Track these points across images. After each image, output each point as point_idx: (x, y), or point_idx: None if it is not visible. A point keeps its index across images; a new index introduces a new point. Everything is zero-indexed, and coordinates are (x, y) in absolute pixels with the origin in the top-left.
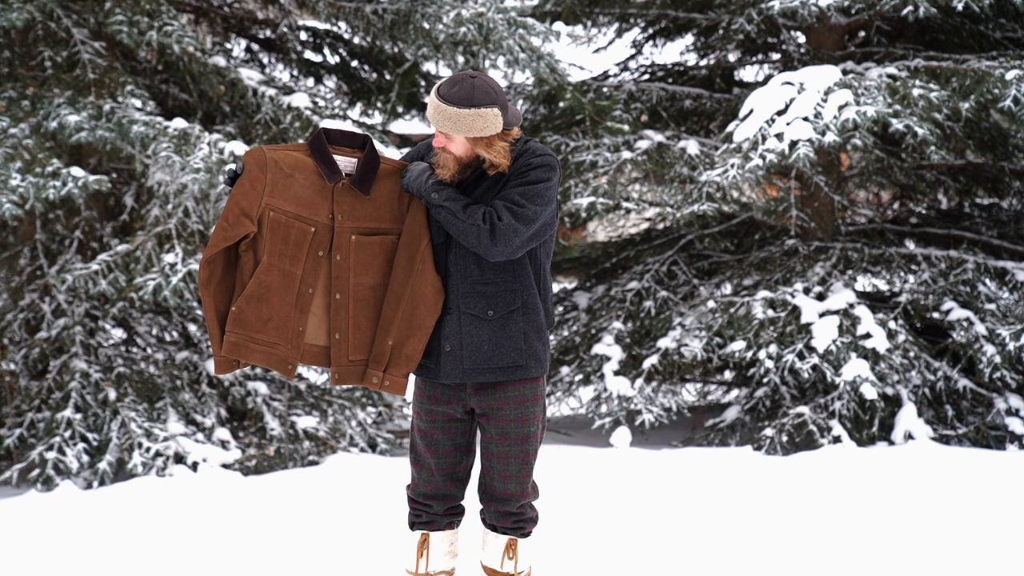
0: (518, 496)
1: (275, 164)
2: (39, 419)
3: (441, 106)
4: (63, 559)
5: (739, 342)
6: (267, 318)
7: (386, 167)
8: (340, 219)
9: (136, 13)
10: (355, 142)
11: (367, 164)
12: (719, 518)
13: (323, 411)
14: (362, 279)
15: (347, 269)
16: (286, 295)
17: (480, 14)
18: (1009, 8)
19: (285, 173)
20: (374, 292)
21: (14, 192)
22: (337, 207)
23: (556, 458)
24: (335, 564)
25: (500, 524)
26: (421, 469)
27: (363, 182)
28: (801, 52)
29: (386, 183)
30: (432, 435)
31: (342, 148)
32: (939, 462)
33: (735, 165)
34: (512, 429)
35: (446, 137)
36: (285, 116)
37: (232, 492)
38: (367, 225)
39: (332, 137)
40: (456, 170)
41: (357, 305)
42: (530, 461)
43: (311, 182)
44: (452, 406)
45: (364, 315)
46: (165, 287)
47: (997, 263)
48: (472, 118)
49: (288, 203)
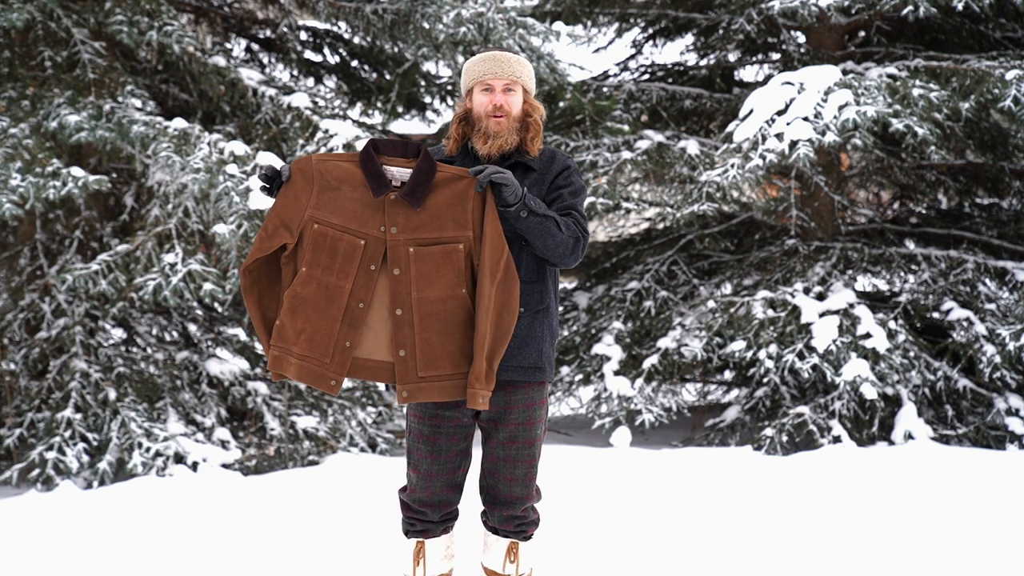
0: (523, 499)
1: (321, 176)
2: (39, 419)
3: (502, 55)
4: (63, 559)
5: (739, 342)
6: (300, 330)
7: (443, 176)
8: (394, 232)
9: (136, 13)
10: (408, 152)
11: (419, 175)
12: (719, 518)
13: (323, 411)
14: (427, 292)
15: (408, 283)
16: (327, 308)
17: (480, 14)
18: (1009, 8)
19: (332, 185)
20: (442, 305)
21: (14, 192)
22: (389, 219)
23: (556, 458)
24: (335, 565)
25: (503, 527)
26: (420, 475)
27: (413, 194)
28: (801, 52)
29: (444, 191)
30: (437, 441)
31: (395, 159)
32: (939, 462)
33: (735, 165)
34: (521, 433)
35: (505, 93)
36: (285, 116)
37: (232, 492)
38: (426, 235)
39: (384, 148)
40: (510, 139)
41: (424, 320)
42: (535, 464)
43: (360, 194)
44: (461, 410)
45: (433, 330)
46: (165, 287)
47: (997, 263)
48: (529, 66)
49: (335, 216)
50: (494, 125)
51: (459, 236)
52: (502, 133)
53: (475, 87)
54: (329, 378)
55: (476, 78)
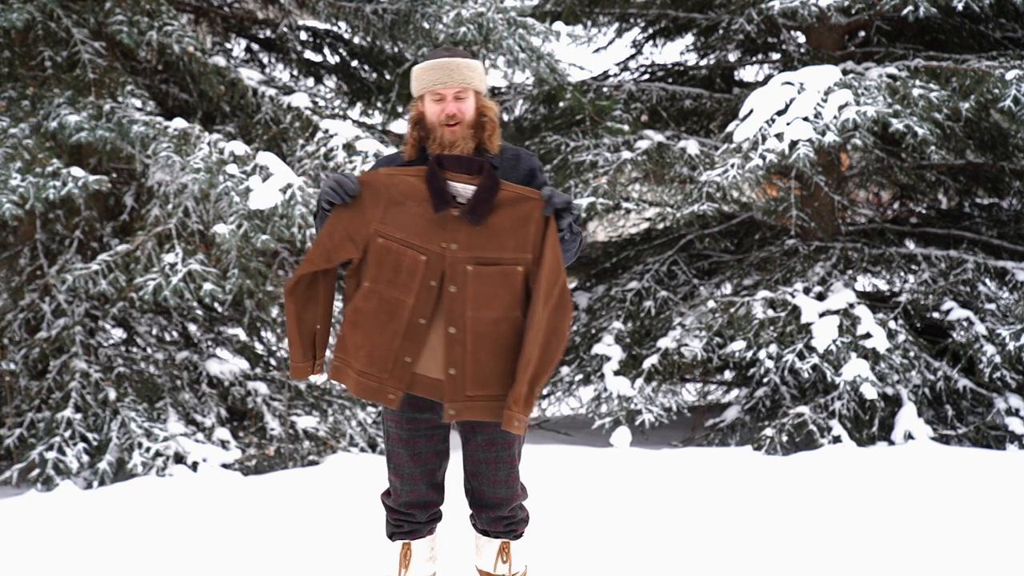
0: (509, 500)
1: (387, 190)
2: (39, 419)
3: (451, 62)
4: (63, 559)
5: (739, 342)
6: (360, 345)
7: (507, 195)
8: (454, 248)
9: (136, 13)
10: (472, 168)
11: (481, 192)
12: (719, 518)
13: (323, 411)
14: (482, 312)
15: (463, 302)
16: (388, 323)
17: (480, 14)
18: (1009, 8)
19: (398, 200)
20: (496, 326)
21: (14, 192)
22: (451, 236)
23: (556, 458)
24: (335, 564)
25: (492, 529)
26: (403, 480)
27: (475, 211)
28: (801, 52)
29: (508, 211)
30: (415, 444)
31: (459, 175)
32: (939, 462)
33: (735, 165)
34: (499, 435)
35: (457, 101)
36: (285, 116)
37: (232, 492)
38: (486, 255)
39: (448, 163)
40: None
41: (476, 340)
42: (516, 465)
43: (424, 210)
44: (436, 412)
45: (485, 350)
46: (165, 287)
47: (997, 263)
48: (479, 66)
49: (400, 230)
50: (449, 134)
51: (519, 258)
52: (458, 142)
53: (426, 95)
54: (387, 392)
55: (426, 87)
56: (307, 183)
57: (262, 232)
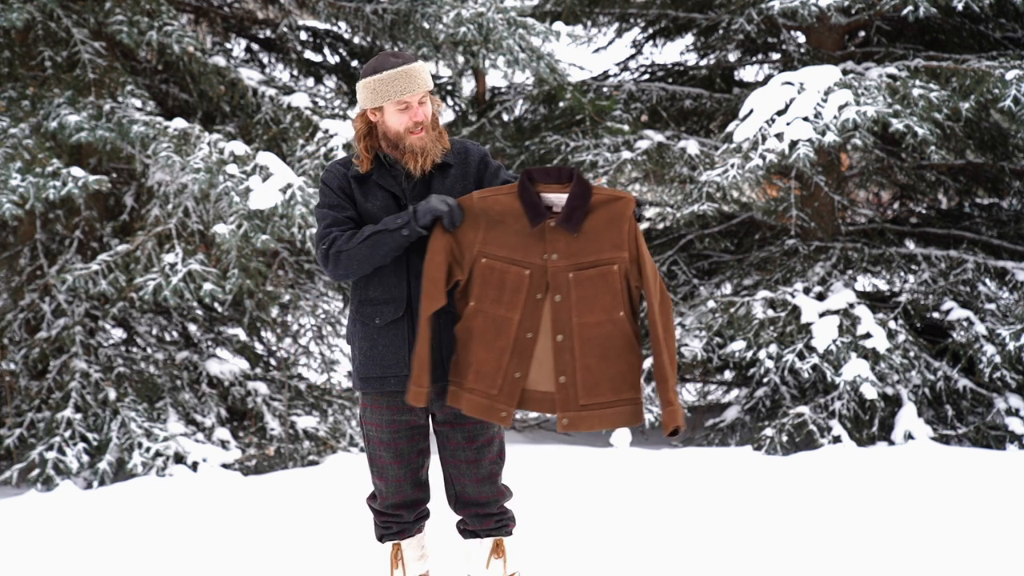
0: (495, 497)
1: (485, 212)
2: (39, 419)
3: (411, 69)
4: (63, 559)
5: (739, 342)
6: (469, 364)
7: (598, 197)
8: (555, 258)
9: (136, 13)
10: (562, 177)
11: (573, 200)
12: (719, 518)
13: (323, 411)
14: (586, 317)
15: (568, 309)
16: (495, 340)
17: (480, 14)
18: (1009, 8)
19: (496, 220)
20: (601, 329)
21: (14, 192)
22: (550, 246)
23: (556, 458)
24: (334, 564)
25: (483, 527)
26: (388, 482)
27: (570, 219)
28: (801, 52)
29: (601, 212)
30: (398, 445)
31: (550, 185)
32: (939, 462)
33: (735, 165)
34: (478, 432)
35: (420, 106)
36: (285, 116)
37: (232, 492)
38: (583, 259)
39: (538, 176)
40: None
41: (584, 346)
42: (498, 461)
43: (521, 225)
44: (415, 413)
45: (593, 355)
46: (165, 287)
47: (997, 263)
48: (428, 67)
49: (502, 248)
50: (417, 141)
51: (614, 257)
52: (427, 148)
53: (387, 105)
54: (499, 410)
55: (392, 97)
56: (307, 183)
57: (262, 232)
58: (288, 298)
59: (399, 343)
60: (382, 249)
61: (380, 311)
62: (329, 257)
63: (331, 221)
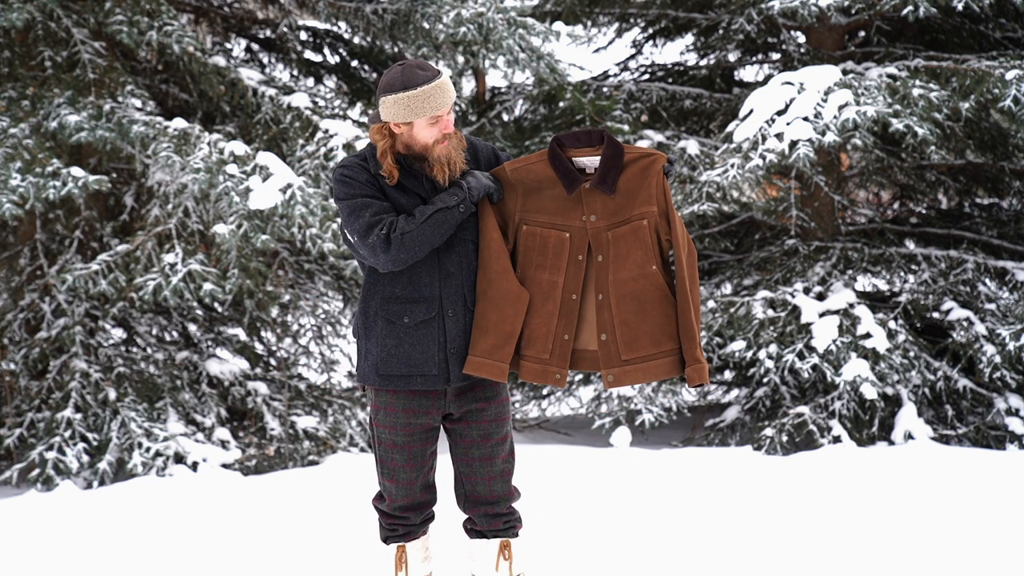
0: (506, 496)
1: (520, 182)
2: (39, 419)
3: (444, 83)
4: (63, 559)
5: (739, 342)
6: (520, 331)
7: (631, 156)
8: (593, 220)
9: (136, 13)
10: (592, 139)
11: (607, 161)
12: (719, 518)
13: (323, 411)
14: (620, 274)
15: (607, 267)
16: (543, 305)
17: (480, 14)
18: (1009, 8)
19: (533, 187)
20: (635, 284)
21: (14, 192)
22: (588, 208)
23: (556, 458)
24: (334, 564)
25: (491, 527)
26: (399, 484)
27: (605, 180)
28: (801, 52)
29: (633, 169)
30: (412, 448)
31: (581, 149)
32: (939, 462)
33: (735, 165)
34: (494, 429)
35: (448, 116)
36: (285, 116)
37: (232, 492)
38: (618, 218)
39: (568, 141)
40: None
41: (620, 302)
42: (510, 460)
43: (558, 191)
44: (431, 416)
45: (629, 311)
46: (165, 287)
47: (997, 263)
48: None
49: (541, 214)
50: (443, 151)
51: (644, 212)
52: (454, 156)
53: (421, 120)
54: (553, 372)
55: (428, 113)
56: (307, 183)
57: (262, 232)
58: (288, 298)
59: (428, 342)
60: (443, 227)
61: (410, 310)
62: (392, 241)
63: (377, 208)
